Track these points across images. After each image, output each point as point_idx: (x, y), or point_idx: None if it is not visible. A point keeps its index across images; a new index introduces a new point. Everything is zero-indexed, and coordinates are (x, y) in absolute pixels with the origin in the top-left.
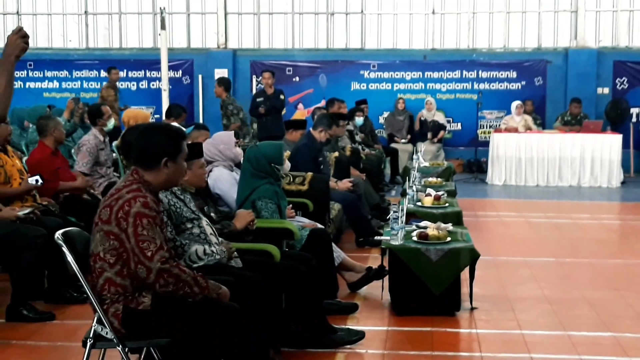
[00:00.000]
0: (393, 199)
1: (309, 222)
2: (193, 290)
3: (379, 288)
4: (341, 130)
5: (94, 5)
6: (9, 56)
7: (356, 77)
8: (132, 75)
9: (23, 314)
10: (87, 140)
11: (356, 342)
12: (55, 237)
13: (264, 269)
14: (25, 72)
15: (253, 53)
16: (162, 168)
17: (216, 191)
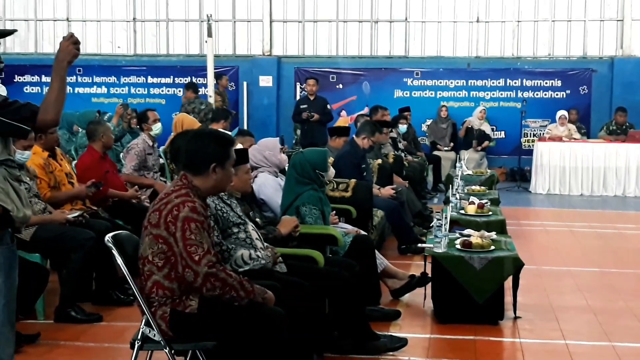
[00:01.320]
0: (435, 207)
1: (352, 229)
2: (239, 295)
3: (421, 295)
4: (384, 137)
5: (142, 12)
6: (61, 62)
7: (399, 85)
8: (179, 82)
9: (71, 315)
10: (135, 144)
11: (399, 349)
12: (105, 239)
13: (308, 274)
14: (75, 77)
15: (297, 60)
16: (211, 174)
17: (261, 196)
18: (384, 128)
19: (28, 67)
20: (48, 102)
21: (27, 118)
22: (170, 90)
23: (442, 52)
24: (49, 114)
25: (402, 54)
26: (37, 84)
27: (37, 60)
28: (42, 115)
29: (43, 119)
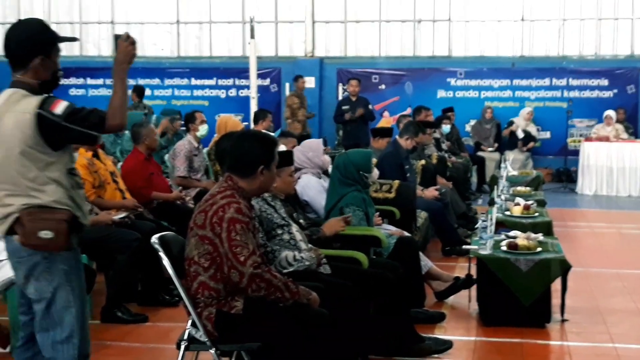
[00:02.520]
0: (480, 208)
1: (396, 230)
2: (284, 296)
3: (466, 297)
4: (427, 138)
5: (185, 15)
6: (121, 63)
7: (443, 85)
8: (222, 83)
9: (117, 315)
10: (182, 146)
11: (444, 352)
12: (151, 240)
13: (352, 276)
14: None
15: (340, 61)
16: (258, 175)
17: (304, 198)
18: (427, 129)
19: (73, 69)
20: (114, 107)
21: (96, 124)
22: (213, 92)
23: (486, 52)
24: (116, 119)
25: (445, 53)
26: (82, 86)
27: (82, 63)
28: (110, 121)
29: (111, 125)
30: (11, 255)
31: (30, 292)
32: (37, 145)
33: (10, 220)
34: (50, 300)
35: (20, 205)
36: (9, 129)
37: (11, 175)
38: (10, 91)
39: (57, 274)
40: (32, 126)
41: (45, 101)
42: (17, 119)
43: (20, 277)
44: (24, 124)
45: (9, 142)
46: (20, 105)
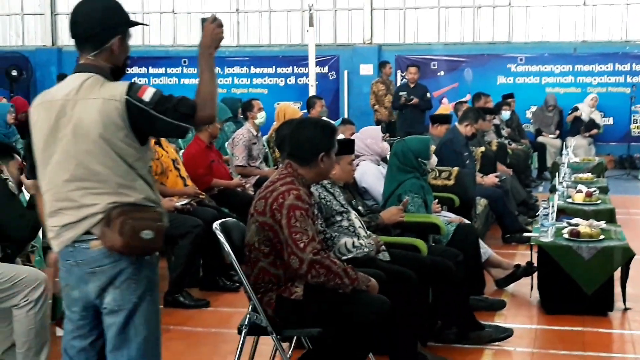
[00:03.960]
0: (540, 195)
1: (455, 217)
2: (343, 282)
3: (527, 285)
4: (487, 124)
5: (244, 3)
6: (208, 48)
7: (503, 71)
8: (281, 71)
9: (180, 300)
10: (241, 135)
11: (504, 340)
12: (213, 227)
13: (411, 263)
14: (180, 68)
15: (398, 48)
16: (318, 163)
17: (362, 185)
18: (487, 115)
19: (136, 59)
20: (203, 97)
21: (187, 115)
22: (272, 80)
23: (547, 37)
24: (207, 110)
25: (506, 39)
26: (144, 75)
27: (145, 52)
28: (200, 112)
29: (202, 116)
30: (83, 265)
31: (106, 303)
32: (126, 137)
33: (88, 223)
34: (131, 311)
35: (106, 205)
36: (90, 118)
37: (94, 171)
38: (81, 76)
39: (142, 281)
40: (122, 115)
41: (132, 87)
42: (103, 108)
43: (93, 289)
44: (112, 113)
45: (90, 133)
46: (104, 90)
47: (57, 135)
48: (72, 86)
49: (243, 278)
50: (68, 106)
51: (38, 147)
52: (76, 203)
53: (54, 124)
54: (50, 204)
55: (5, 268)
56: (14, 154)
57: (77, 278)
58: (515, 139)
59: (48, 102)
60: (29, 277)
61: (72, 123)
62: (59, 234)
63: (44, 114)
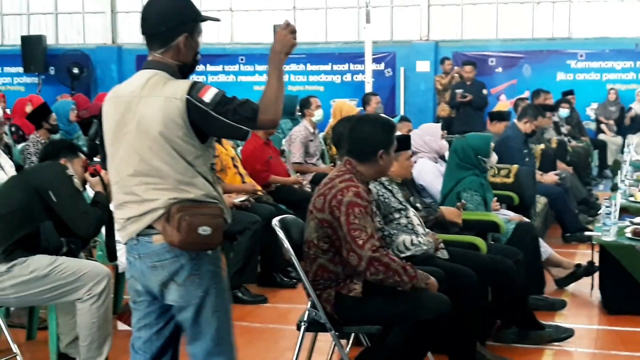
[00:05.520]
0: (601, 194)
1: (515, 216)
2: (402, 279)
3: (587, 285)
4: (547, 121)
5: (301, 1)
6: (278, 53)
7: (562, 67)
8: (337, 69)
9: (238, 296)
10: (298, 132)
11: (564, 340)
12: (272, 223)
13: (470, 261)
14: (238, 66)
15: (455, 44)
16: (377, 160)
17: (420, 182)
18: (547, 112)
19: None
20: (268, 100)
21: (248, 118)
22: (328, 77)
23: (608, 33)
24: (269, 114)
25: (565, 35)
26: (202, 73)
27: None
28: (262, 115)
29: (263, 120)
30: (145, 259)
31: (172, 299)
32: (185, 136)
33: (150, 218)
34: (199, 305)
35: (167, 200)
36: (152, 116)
37: (156, 167)
38: (147, 73)
39: (206, 275)
40: (182, 114)
41: (194, 86)
42: (164, 105)
43: (154, 283)
44: (173, 112)
45: (151, 130)
46: (166, 89)
47: (123, 130)
48: (138, 83)
49: (302, 275)
50: (133, 102)
51: (107, 140)
52: (139, 197)
53: (120, 119)
54: (116, 196)
55: (69, 262)
56: (78, 152)
57: (140, 271)
58: (575, 137)
59: (116, 97)
60: (92, 271)
61: (136, 119)
62: (124, 227)
63: (113, 109)
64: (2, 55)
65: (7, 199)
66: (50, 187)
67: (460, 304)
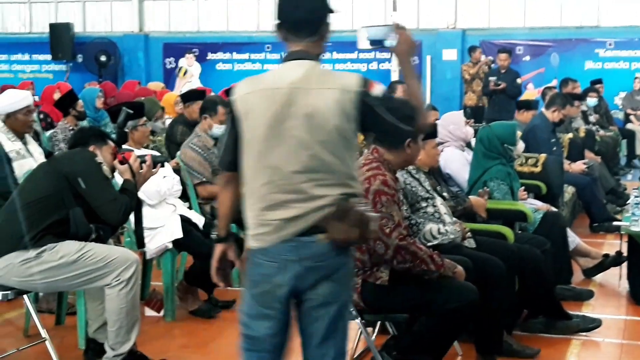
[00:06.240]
0: (629, 183)
1: (542, 205)
2: (429, 268)
3: (615, 275)
4: (575, 110)
5: None
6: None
7: (591, 56)
8: (363, 57)
9: None
10: None
11: (592, 330)
12: None
13: (497, 250)
14: (264, 54)
15: (483, 32)
16: (405, 148)
17: (447, 171)
18: (575, 101)
19: (220, 44)
20: (419, 103)
21: (409, 118)
22: (354, 65)
23: (637, 21)
24: (424, 117)
25: (594, 23)
26: (228, 61)
27: (229, 38)
28: (421, 118)
29: (422, 122)
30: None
31: (320, 294)
32: (353, 130)
33: (317, 216)
34: (345, 302)
35: (336, 196)
36: (327, 108)
37: (326, 161)
38: (303, 63)
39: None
40: (354, 108)
41: (364, 80)
42: (340, 98)
43: (307, 282)
44: (347, 105)
45: (326, 124)
46: (338, 80)
47: (284, 124)
48: (296, 74)
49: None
50: (299, 95)
51: (256, 137)
52: (306, 195)
53: (279, 113)
54: (269, 196)
55: (98, 248)
56: (107, 139)
57: (293, 275)
58: (603, 126)
59: (268, 89)
60: (121, 257)
61: (305, 112)
62: (281, 228)
63: (265, 102)
64: (30, 43)
65: (37, 185)
66: (79, 174)
67: (488, 293)
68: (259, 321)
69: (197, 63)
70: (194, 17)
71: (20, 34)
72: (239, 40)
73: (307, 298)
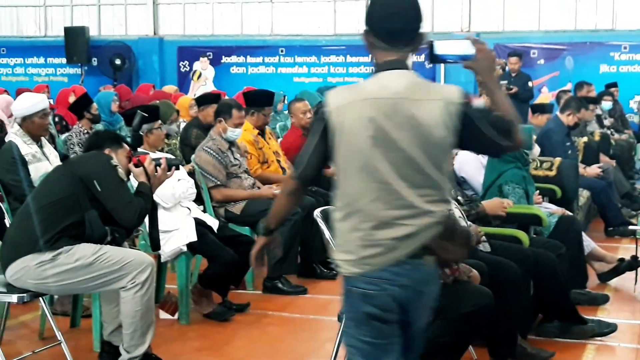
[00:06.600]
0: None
1: (558, 209)
2: (444, 272)
3: (631, 280)
4: (590, 114)
5: None
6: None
7: (606, 59)
8: None
9: (278, 286)
10: None
11: (607, 335)
12: (314, 214)
13: (512, 254)
14: (277, 57)
15: (497, 36)
16: None
17: (461, 175)
18: (590, 104)
19: (234, 48)
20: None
21: (507, 132)
22: (368, 69)
23: None
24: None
25: (609, 27)
26: (242, 64)
27: (243, 42)
28: (517, 134)
29: (518, 138)
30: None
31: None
32: (454, 144)
33: (426, 235)
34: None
35: (443, 213)
36: (433, 122)
37: (432, 176)
38: (404, 73)
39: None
40: (458, 120)
41: (464, 92)
42: (445, 110)
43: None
44: (452, 117)
45: (432, 137)
46: (441, 92)
47: (389, 137)
48: (400, 84)
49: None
50: (404, 105)
51: (358, 150)
52: (417, 210)
53: (383, 125)
54: (379, 214)
55: (113, 251)
56: (122, 142)
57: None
58: (618, 130)
59: (372, 100)
60: (136, 260)
61: (412, 124)
62: (394, 248)
63: (367, 112)
64: (45, 46)
65: (53, 188)
66: (95, 177)
67: (502, 297)
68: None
69: (211, 66)
70: (208, 21)
71: (36, 37)
72: (252, 44)
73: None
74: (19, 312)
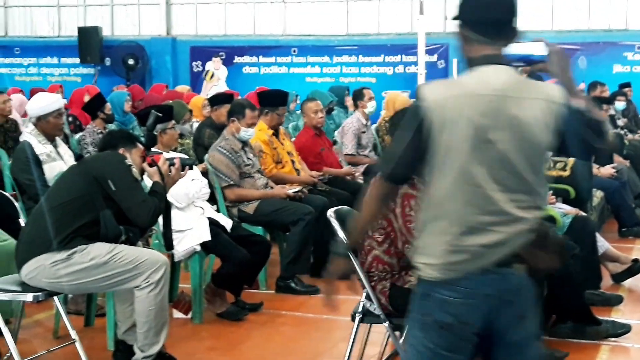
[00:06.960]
0: None
1: (571, 209)
2: None
3: None
4: (603, 114)
5: None
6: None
7: (619, 59)
8: (389, 60)
9: (291, 286)
10: (350, 123)
11: (621, 336)
12: (327, 214)
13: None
14: (290, 57)
15: None
16: None
17: None
18: (604, 105)
19: (246, 48)
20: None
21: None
22: (380, 69)
23: None
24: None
25: (622, 26)
26: (255, 64)
27: (255, 42)
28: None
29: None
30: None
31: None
32: (551, 145)
33: (517, 243)
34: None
35: (536, 220)
36: (535, 122)
37: (528, 180)
38: (505, 69)
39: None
40: (560, 121)
41: (564, 92)
42: (547, 110)
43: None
44: (553, 118)
45: (533, 139)
46: (539, 90)
47: (489, 136)
48: (501, 80)
49: (357, 266)
50: (507, 103)
51: (457, 149)
52: (509, 217)
53: (483, 123)
54: (469, 218)
55: (128, 250)
56: (136, 142)
57: (487, 311)
58: (631, 130)
59: (473, 95)
60: (151, 259)
61: (513, 124)
62: (481, 255)
63: (470, 110)
64: (59, 46)
65: (68, 187)
66: (109, 177)
67: None
68: None
69: (224, 66)
70: (221, 21)
71: (49, 37)
72: (265, 44)
73: (503, 336)
74: (34, 311)
